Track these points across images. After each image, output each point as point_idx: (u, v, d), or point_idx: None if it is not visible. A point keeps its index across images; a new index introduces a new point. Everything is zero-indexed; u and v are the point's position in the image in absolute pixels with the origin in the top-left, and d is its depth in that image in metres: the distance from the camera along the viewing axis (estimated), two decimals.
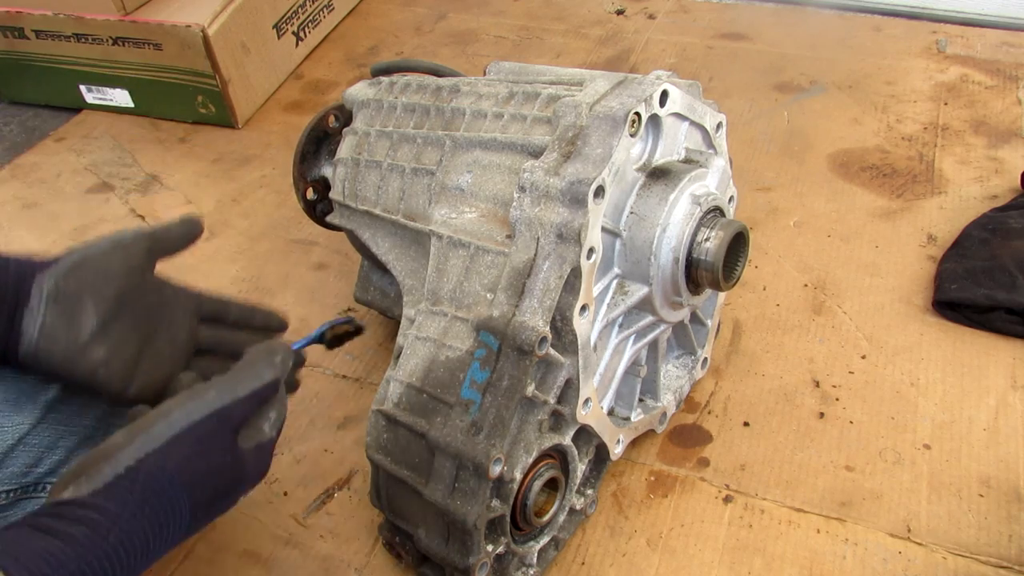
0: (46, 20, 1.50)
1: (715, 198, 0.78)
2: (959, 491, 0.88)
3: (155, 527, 0.55)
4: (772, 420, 0.97)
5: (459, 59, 1.67)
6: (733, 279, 0.81)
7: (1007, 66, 1.47)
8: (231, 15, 1.47)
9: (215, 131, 1.55)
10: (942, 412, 0.95)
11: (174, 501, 0.57)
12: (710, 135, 0.84)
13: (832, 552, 0.84)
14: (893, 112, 1.40)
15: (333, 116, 0.96)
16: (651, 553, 0.86)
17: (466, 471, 0.71)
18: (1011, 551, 0.82)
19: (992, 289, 1.02)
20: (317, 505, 0.93)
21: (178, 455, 0.58)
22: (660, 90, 0.74)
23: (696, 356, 0.96)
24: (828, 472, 0.91)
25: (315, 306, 1.17)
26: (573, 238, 0.69)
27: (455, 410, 0.72)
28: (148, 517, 0.55)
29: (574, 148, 0.72)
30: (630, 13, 1.76)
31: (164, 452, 0.57)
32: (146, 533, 0.55)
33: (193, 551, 0.90)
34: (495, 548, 0.75)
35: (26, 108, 1.67)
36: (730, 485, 0.91)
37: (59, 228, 1.35)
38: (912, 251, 1.15)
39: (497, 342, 0.71)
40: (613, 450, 0.85)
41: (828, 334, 1.06)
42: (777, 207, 1.25)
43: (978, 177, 1.25)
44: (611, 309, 0.78)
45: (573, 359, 0.74)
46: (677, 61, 1.59)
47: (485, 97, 0.82)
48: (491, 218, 0.77)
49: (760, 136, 1.38)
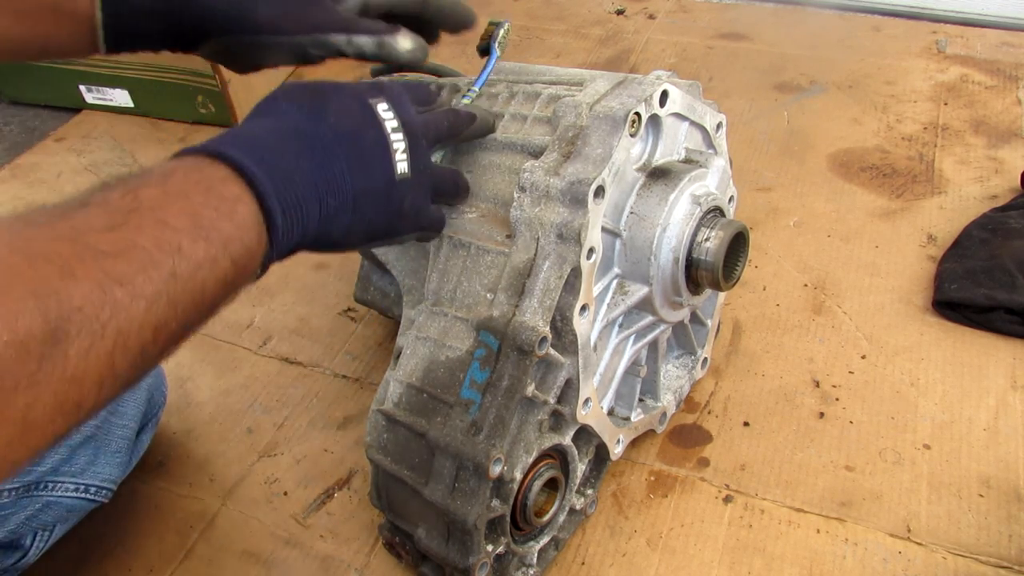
0: None
1: (715, 198, 0.78)
2: (959, 491, 0.88)
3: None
4: (772, 420, 0.97)
5: (459, 59, 1.67)
6: (733, 279, 0.81)
7: (1007, 66, 1.47)
8: None
9: (215, 131, 1.52)
10: (942, 412, 0.95)
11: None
12: (710, 135, 0.84)
13: (832, 552, 0.84)
14: (893, 112, 1.40)
15: None
16: (651, 553, 0.86)
17: (466, 471, 0.71)
18: (1011, 551, 0.82)
19: (992, 289, 1.02)
20: (317, 505, 0.93)
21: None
22: (660, 90, 0.74)
23: (696, 356, 0.96)
24: (828, 472, 0.91)
25: (315, 306, 1.17)
26: (573, 238, 0.69)
27: (455, 410, 0.72)
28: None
29: (574, 148, 0.72)
30: (630, 13, 1.76)
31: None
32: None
33: (193, 551, 0.90)
34: (495, 548, 0.75)
35: (26, 108, 1.67)
36: (730, 485, 0.91)
37: None
38: (912, 251, 1.15)
39: (497, 342, 0.71)
40: (613, 450, 0.85)
41: (828, 334, 1.06)
42: (777, 207, 1.25)
43: (978, 177, 1.25)
44: (611, 309, 0.78)
45: (573, 359, 0.74)
46: (677, 61, 1.59)
47: (485, 97, 0.82)
48: (491, 218, 0.77)
49: (760, 136, 1.38)
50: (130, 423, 0.87)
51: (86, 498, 0.84)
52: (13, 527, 0.79)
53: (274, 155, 0.55)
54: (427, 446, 0.73)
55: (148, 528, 0.93)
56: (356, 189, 0.60)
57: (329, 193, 0.58)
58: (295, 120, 0.59)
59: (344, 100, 0.62)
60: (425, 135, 0.65)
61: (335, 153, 0.59)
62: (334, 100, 0.61)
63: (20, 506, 0.79)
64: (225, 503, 0.94)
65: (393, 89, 0.65)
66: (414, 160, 0.63)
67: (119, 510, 0.93)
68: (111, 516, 0.93)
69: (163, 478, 0.98)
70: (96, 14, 0.68)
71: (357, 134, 0.60)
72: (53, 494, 0.81)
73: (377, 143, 0.62)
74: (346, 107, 0.61)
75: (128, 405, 0.86)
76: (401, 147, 0.62)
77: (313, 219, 0.57)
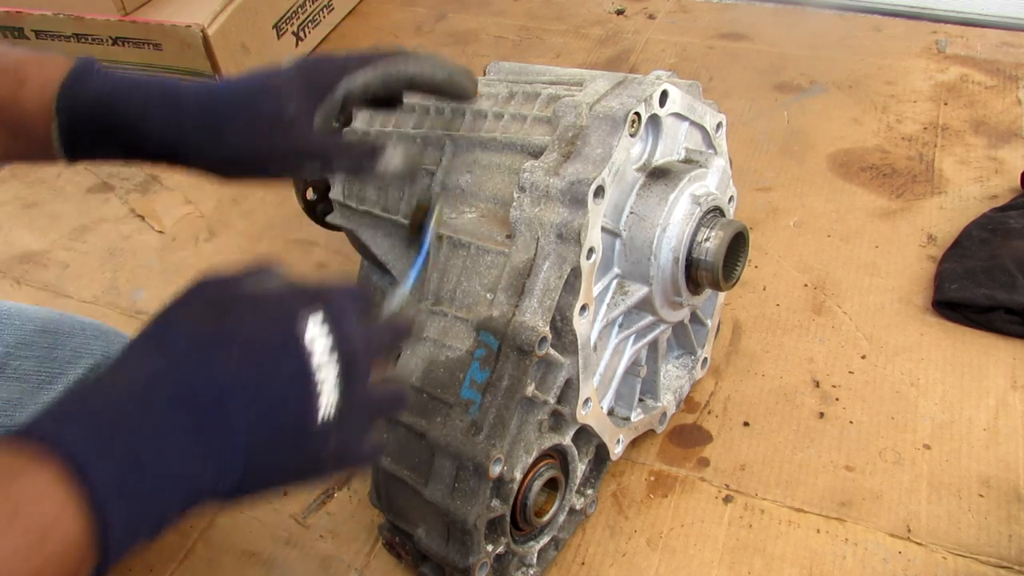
0: (46, 20, 1.50)
1: (715, 198, 0.78)
2: (959, 491, 0.88)
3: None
4: (772, 420, 0.97)
5: (459, 59, 1.66)
6: (733, 279, 0.81)
7: (1007, 66, 1.47)
8: (231, 15, 1.47)
9: None
10: (942, 412, 0.95)
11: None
12: (710, 135, 0.84)
13: (832, 552, 0.84)
14: (893, 112, 1.40)
15: None
16: (651, 553, 0.86)
17: (466, 471, 0.71)
18: (1011, 551, 0.82)
19: (992, 289, 1.02)
20: (317, 505, 0.93)
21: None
22: (660, 90, 0.74)
23: (696, 356, 0.96)
24: (828, 472, 0.91)
25: None
26: (573, 238, 0.69)
27: (455, 410, 0.72)
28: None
29: (574, 148, 0.72)
30: (630, 13, 1.76)
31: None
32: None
33: (193, 551, 0.90)
34: (495, 548, 0.75)
35: None
36: (730, 485, 0.91)
37: (59, 228, 1.35)
38: (912, 251, 1.15)
39: (497, 342, 0.71)
40: (613, 450, 0.85)
41: (828, 334, 1.06)
42: (777, 207, 1.25)
43: (978, 177, 1.25)
44: (611, 309, 0.78)
45: (573, 359, 0.74)
46: (677, 61, 1.59)
47: (485, 97, 0.82)
48: (491, 218, 0.77)
49: (760, 136, 1.38)
50: None
51: None
52: None
53: (123, 430, 0.42)
54: (427, 446, 0.73)
55: None
56: (252, 447, 0.45)
57: (209, 458, 0.44)
58: (179, 357, 0.45)
59: (260, 321, 0.48)
60: (367, 356, 0.51)
61: (224, 406, 0.44)
62: (246, 322, 0.47)
63: None
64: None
65: (337, 298, 0.51)
66: (348, 393, 0.49)
67: None
68: None
69: None
70: (53, 139, 0.61)
71: (265, 374, 0.46)
72: None
73: (294, 382, 0.47)
74: (259, 333, 0.47)
75: None
76: (331, 381, 0.48)
77: (175, 501, 0.44)
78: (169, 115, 0.61)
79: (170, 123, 0.61)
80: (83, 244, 1.32)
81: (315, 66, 0.64)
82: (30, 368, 0.79)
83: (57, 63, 0.61)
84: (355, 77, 0.64)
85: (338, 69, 0.64)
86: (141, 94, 0.61)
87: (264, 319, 0.48)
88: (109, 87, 0.61)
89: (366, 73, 0.64)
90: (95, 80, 0.61)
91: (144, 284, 1.24)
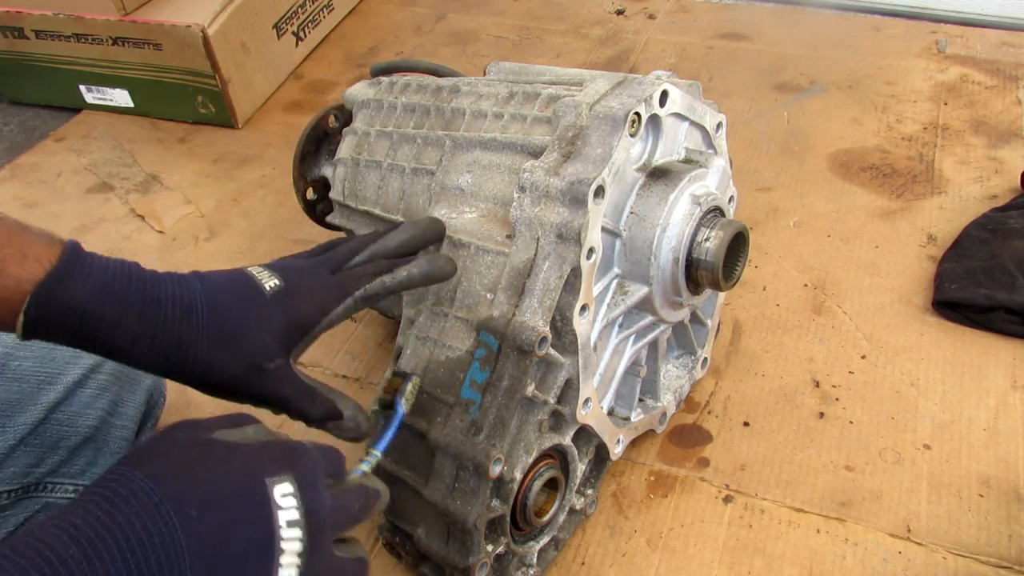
0: (46, 20, 1.50)
1: (715, 198, 0.78)
2: (959, 491, 0.88)
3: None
4: (772, 420, 0.97)
5: (459, 59, 1.67)
6: (733, 279, 0.81)
7: (1007, 66, 1.47)
8: (231, 15, 1.47)
9: (215, 131, 1.55)
10: (942, 412, 0.95)
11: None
12: (710, 135, 0.84)
13: (832, 552, 0.84)
14: (893, 112, 1.40)
15: (333, 116, 0.96)
16: (651, 553, 0.86)
17: (466, 471, 0.71)
18: (1011, 551, 0.82)
19: (992, 289, 1.02)
20: None
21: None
22: (660, 90, 0.74)
23: (696, 356, 0.96)
24: (828, 472, 0.91)
25: None
26: (573, 238, 0.69)
27: (455, 410, 0.72)
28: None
29: (574, 148, 0.72)
30: (630, 13, 1.76)
31: None
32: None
33: None
34: (495, 548, 0.75)
35: (26, 108, 1.67)
36: (730, 485, 0.91)
37: (59, 228, 1.35)
38: (912, 251, 1.15)
39: (497, 342, 0.71)
40: (613, 450, 0.85)
41: (828, 334, 1.06)
42: (777, 207, 1.25)
43: (978, 177, 1.25)
44: (611, 309, 0.78)
45: (573, 359, 0.74)
46: (677, 61, 1.59)
47: (485, 97, 0.82)
48: (491, 218, 0.77)
49: (760, 136, 1.38)
50: (129, 424, 0.87)
51: None
52: (12, 529, 0.79)
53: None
54: (427, 446, 0.73)
55: None
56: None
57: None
58: (136, 511, 0.43)
59: (226, 480, 0.46)
60: (334, 524, 0.50)
61: (180, 567, 0.43)
62: (211, 479, 0.46)
63: (20, 508, 0.79)
64: None
65: (307, 463, 0.50)
66: (312, 563, 0.47)
67: None
68: None
69: None
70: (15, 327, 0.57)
71: (225, 537, 0.44)
72: (53, 496, 0.81)
73: (254, 549, 0.45)
74: (224, 492, 0.46)
75: (127, 406, 0.86)
76: (295, 550, 0.46)
77: None
78: (142, 334, 0.57)
79: (142, 343, 0.57)
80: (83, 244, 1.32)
81: (296, 303, 0.62)
82: (30, 368, 0.79)
83: (40, 257, 0.56)
84: (336, 314, 0.64)
85: (318, 310, 0.63)
86: (117, 307, 0.57)
87: (230, 478, 0.47)
88: (86, 297, 0.56)
89: (347, 307, 0.64)
90: (73, 288, 0.56)
91: None
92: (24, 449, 0.78)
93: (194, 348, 0.58)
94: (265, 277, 0.62)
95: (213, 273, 0.62)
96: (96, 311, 0.56)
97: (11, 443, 0.77)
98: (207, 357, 0.59)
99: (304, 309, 0.62)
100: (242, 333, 0.60)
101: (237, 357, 0.60)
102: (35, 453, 0.78)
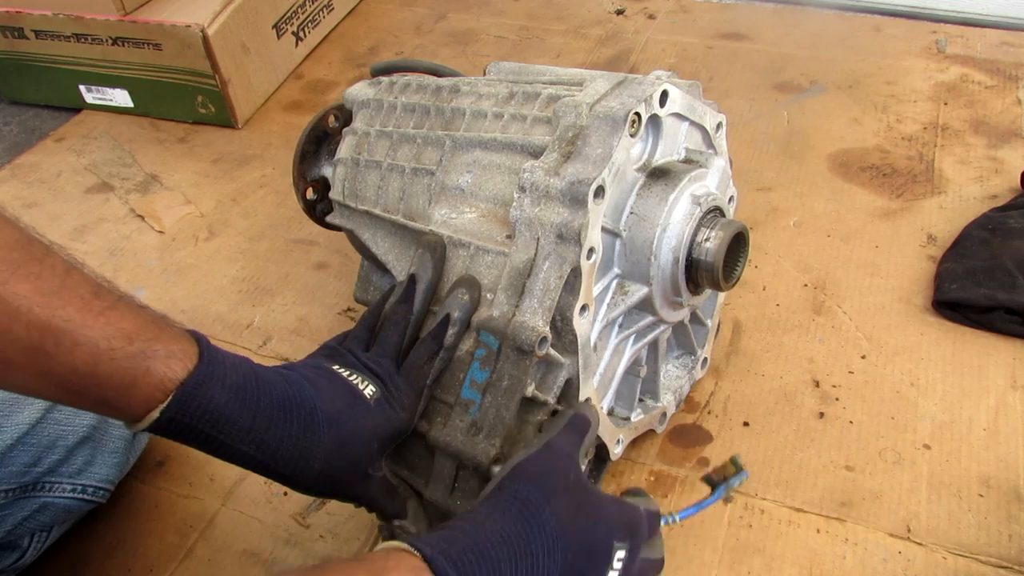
0: (46, 20, 1.50)
1: (715, 198, 0.78)
2: (959, 491, 0.88)
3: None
4: (772, 420, 0.97)
5: (459, 59, 1.67)
6: (733, 279, 0.81)
7: (1007, 66, 1.47)
8: (231, 15, 1.47)
9: (215, 131, 1.55)
10: (942, 412, 0.95)
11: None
12: (710, 135, 0.84)
13: (832, 552, 0.84)
14: (893, 112, 1.40)
15: (333, 116, 0.96)
16: None
17: (466, 471, 0.71)
18: (1011, 551, 0.82)
19: (992, 289, 1.02)
20: (317, 505, 0.93)
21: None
22: (660, 90, 0.74)
23: (696, 356, 0.96)
24: (828, 472, 0.91)
25: (315, 306, 1.17)
26: (573, 238, 0.69)
27: (455, 410, 0.72)
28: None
29: (574, 148, 0.72)
30: (630, 13, 1.76)
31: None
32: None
33: (193, 551, 0.90)
34: None
35: (26, 108, 1.67)
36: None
37: (59, 228, 1.35)
38: (912, 251, 1.15)
39: (497, 342, 0.71)
40: (613, 450, 0.85)
41: (828, 334, 1.06)
42: (777, 207, 1.25)
43: (978, 177, 1.25)
44: (611, 309, 0.78)
45: (573, 359, 0.74)
46: (677, 61, 1.59)
47: (485, 97, 0.82)
48: (491, 218, 0.77)
49: (760, 136, 1.38)
50: None
51: (83, 499, 0.84)
52: (10, 528, 0.79)
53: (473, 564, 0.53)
54: (427, 446, 0.73)
55: (148, 528, 0.93)
56: None
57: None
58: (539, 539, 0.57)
59: (595, 533, 0.60)
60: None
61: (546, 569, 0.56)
62: (587, 533, 0.59)
63: (17, 507, 0.79)
64: (225, 503, 0.94)
65: (640, 536, 0.64)
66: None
67: (119, 510, 0.93)
68: (111, 516, 0.92)
69: (163, 478, 0.98)
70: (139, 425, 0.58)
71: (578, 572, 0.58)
72: (50, 495, 0.81)
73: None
74: (591, 545, 0.59)
75: None
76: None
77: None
78: (267, 442, 0.60)
79: (266, 451, 0.60)
80: (83, 244, 1.32)
81: (395, 412, 0.68)
82: None
83: (183, 356, 0.57)
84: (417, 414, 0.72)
85: (409, 415, 0.70)
86: (249, 414, 0.59)
87: (596, 536, 0.60)
88: (223, 401, 0.58)
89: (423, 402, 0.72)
90: (213, 391, 0.57)
91: (144, 284, 1.24)
92: (21, 448, 0.78)
93: (313, 458, 0.62)
94: (359, 382, 0.67)
95: (310, 373, 0.66)
96: (231, 417, 0.58)
97: (8, 442, 0.77)
98: (322, 467, 0.63)
99: (402, 417, 0.68)
100: (356, 445, 0.64)
101: (349, 465, 0.65)
102: (33, 452, 0.78)
